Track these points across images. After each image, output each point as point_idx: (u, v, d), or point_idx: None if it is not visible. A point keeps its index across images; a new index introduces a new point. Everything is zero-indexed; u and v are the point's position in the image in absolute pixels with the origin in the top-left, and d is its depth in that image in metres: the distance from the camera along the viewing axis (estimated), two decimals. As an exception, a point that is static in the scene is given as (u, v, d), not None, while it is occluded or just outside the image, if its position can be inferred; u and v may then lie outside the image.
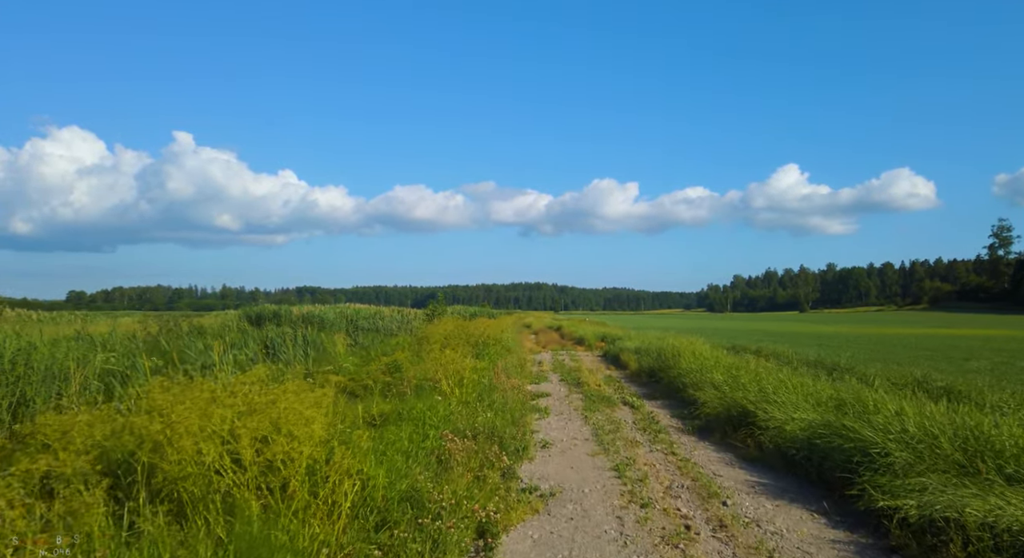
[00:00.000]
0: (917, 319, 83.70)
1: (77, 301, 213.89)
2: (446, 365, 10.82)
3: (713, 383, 10.75)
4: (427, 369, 11.03)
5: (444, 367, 10.77)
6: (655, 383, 14.25)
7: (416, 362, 12.64)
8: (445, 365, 10.82)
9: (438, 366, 10.78)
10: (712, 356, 13.61)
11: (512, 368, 14.95)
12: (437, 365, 10.82)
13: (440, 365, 10.78)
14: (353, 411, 7.39)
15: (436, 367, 10.79)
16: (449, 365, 10.85)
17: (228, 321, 32.23)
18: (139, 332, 24.74)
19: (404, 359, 13.00)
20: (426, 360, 11.66)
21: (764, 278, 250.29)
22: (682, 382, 12.11)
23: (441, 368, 10.72)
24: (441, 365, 10.78)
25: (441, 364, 10.82)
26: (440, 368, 10.71)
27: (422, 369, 11.27)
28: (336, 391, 7.50)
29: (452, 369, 10.83)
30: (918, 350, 24.84)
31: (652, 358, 15.82)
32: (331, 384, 7.42)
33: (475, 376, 12.07)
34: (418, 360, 12.81)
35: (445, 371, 10.66)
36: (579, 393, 13.07)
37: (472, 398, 10.39)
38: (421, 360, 12.48)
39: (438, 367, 10.76)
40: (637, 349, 19.00)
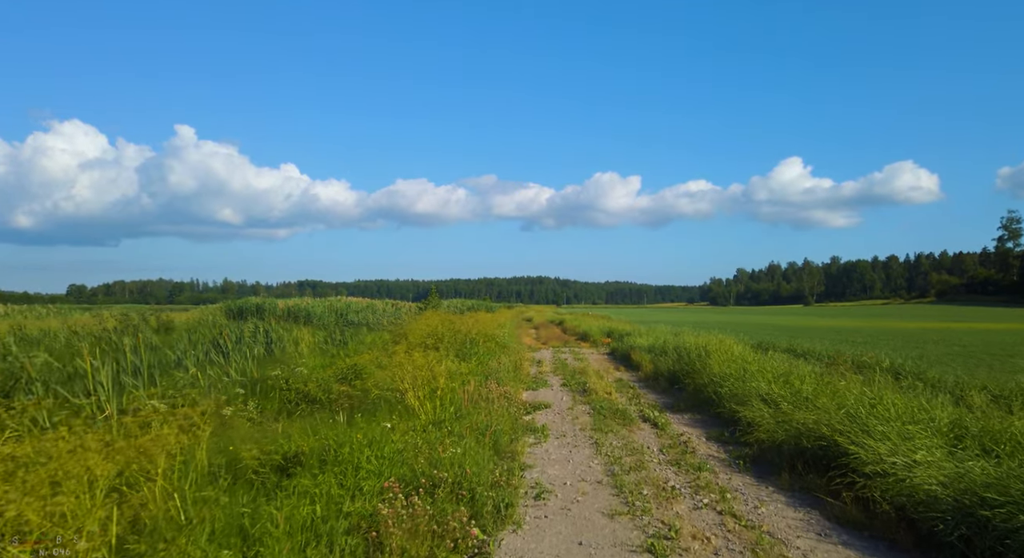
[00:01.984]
0: (929, 313, 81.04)
1: (78, 295, 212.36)
2: (415, 371, 8.36)
3: (762, 395, 8.26)
4: (392, 376, 8.57)
5: (412, 374, 8.31)
6: (677, 390, 11.76)
7: (383, 366, 10.19)
8: (413, 371, 8.35)
9: (403, 373, 8.31)
10: (751, 358, 11.07)
11: (505, 371, 12.48)
12: (402, 371, 8.34)
13: (406, 371, 8.31)
14: (247, 450, 4.93)
15: (401, 374, 8.32)
16: (419, 372, 8.38)
17: (206, 316, 29.90)
18: (94, 328, 22.41)
19: (369, 362, 10.51)
20: (391, 364, 9.17)
21: (768, 271, 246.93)
22: (715, 392, 9.62)
23: (408, 375, 8.25)
24: (408, 372, 8.31)
25: (408, 370, 8.34)
26: (407, 375, 8.25)
27: (387, 376, 8.81)
28: (211, 422, 5.05)
29: (422, 377, 8.37)
30: (950, 346, 22.45)
31: (671, 360, 13.32)
32: (199, 417, 4.92)
33: (454, 384, 9.61)
34: (388, 363, 10.36)
35: (413, 379, 8.20)
36: (586, 403, 10.61)
37: (448, 415, 7.96)
38: (387, 364, 10.02)
39: (404, 374, 8.29)
40: (651, 348, 16.52)
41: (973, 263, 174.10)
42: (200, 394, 8.21)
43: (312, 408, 8.79)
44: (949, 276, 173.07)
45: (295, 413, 8.60)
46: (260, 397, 9.25)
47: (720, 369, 10.27)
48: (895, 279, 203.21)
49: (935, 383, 9.74)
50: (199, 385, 9.07)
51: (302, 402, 8.84)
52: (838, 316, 74.02)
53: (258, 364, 11.90)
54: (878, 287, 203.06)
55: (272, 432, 6.43)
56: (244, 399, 8.93)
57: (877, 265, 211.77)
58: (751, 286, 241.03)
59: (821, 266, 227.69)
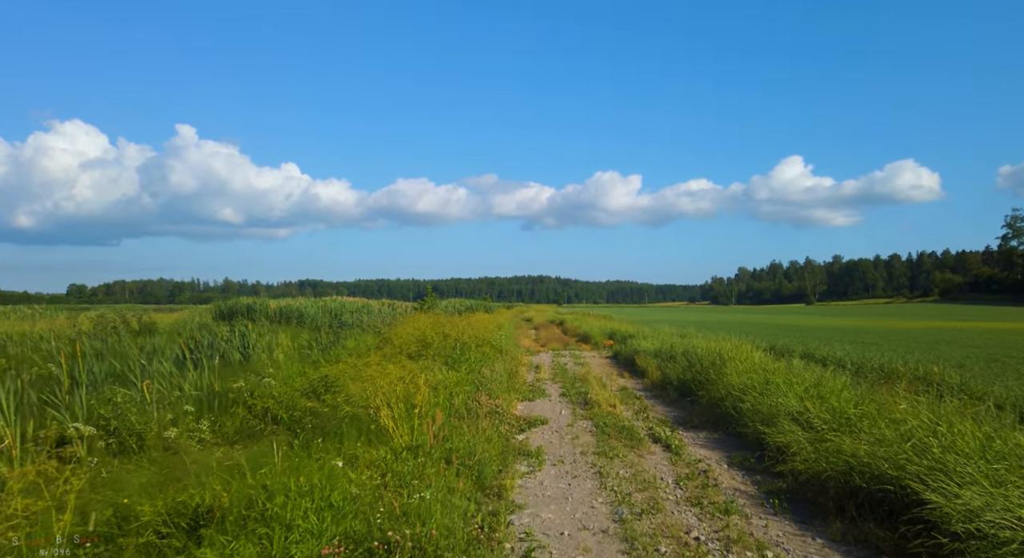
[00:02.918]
0: (934, 312, 79.78)
1: (78, 295, 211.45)
2: (389, 386, 7.20)
3: (792, 414, 7.10)
4: (364, 390, 7.41)
5: (386, 388, 7.15)
6: (689, 403, 10.58)
7: (360, 377, 9.03)
8: (388, 386, 7.19)
9: (375, 388, 7.15)
10: (773, 367, 9.86)
11: (498, 380, 11.33)
12: (374, 386, 7.18)
13: (379, 386, 7.15)
14: (148, 503, 3.78)
15: (373, 389, 7.16)
16: (394, 386, 7.22)
17: (193, 317, 28.80)
18: (68, 331, 21.31)
19: (344, 372, 9.34)
20: (362, 376, 7.98)
21: (769, 270, 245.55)
22: (734, 407, 8.45)
23: (381, 390, 7.10)
24: (381, 386, 7.15)
25: (381, 385, 7.18)
26: (379, 390, 7.09)
27: (361, 389, 7.65)
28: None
29: (400, 391, 7.21)
30: (966, 348, 21.25)
31: (680, 367, 12.15)
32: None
33: (438, 398, 8.45)
34: (363, 374, 9.20)
35: (387, 395, 7.04)
36: (587, 419, 9.45)
37: (427, 438, 6.82)
38: (364, 375, 8.84)
39: (376, 389, 7.13)
40: (657, 352, 15.35)
41: (976, 262, 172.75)
42: (139, 413, 7.08)
43: (276, 428, 7.65)
44: (952, 275, 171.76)
45: (257, 433, 7.48)
46: (219, 413, 8.12)
47: (739, 380, 9.09)
48: (897, 278, 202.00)
49: (981, 397, 8.59)
50: (145, 401, 7.92)
51: (263, 421, 7.71)
52: (842, 315, 72.78)
53: (223, 373, 10.73)
54: (880, 286, 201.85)
55: (205, 465, 5.27)
56: (197, 417, 7.80)
57: (879, 264, 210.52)
58: (753, 285, 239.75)
59: (823, 265, 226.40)
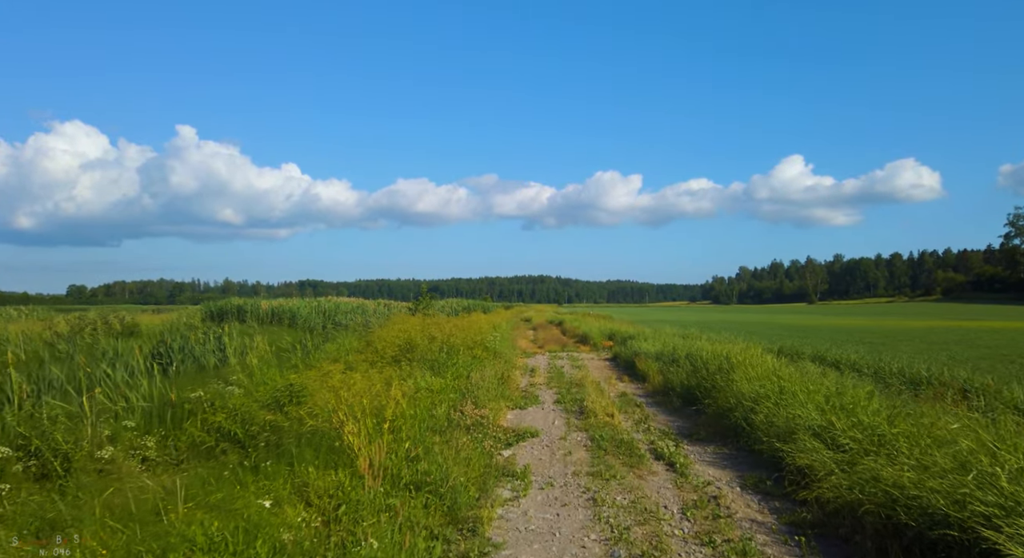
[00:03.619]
0: (937, 311, 78.85)
1: (78, 295, 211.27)
2: (353, 398, 6.33)
3: (813, 429, 6.23)
4: (329, 401, 6.54)
5: (350, 400, 6.29)
6: (695, 412, 9.70)
7: (333, 386, 8.16)
8: (353, 398, 6.32)
9: (339, 401, 6.27)
10: (786, 373, 8.93)
11: (487, 386, 10.45)
12: (337, 398, 6.31)
13: (342, 398, 6.27)
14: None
15: (335, 402, 6.29)
16: (359, 398, 6.35)
17: (181, 318, 28.01)
18: (45, 334, 20.51)
19: (314, 380, 8.45)
20: (323, 387, 7.07)
21: (770, 270, 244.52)
22: (746, 419, 7.58)
23: (345, 403, 6.23)
24: (345, 398, 6.27)
25: (345, 397, 6.31)
26: (343, 403, 6.22)
27: (326, 400, 6.77)
28: None
29: (365, 404, 6.35)
30: (976, 348, 20.46)
31: (684, 371, 11.27)
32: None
33: (415, 410, 7.57)
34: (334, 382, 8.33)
35: (351, 407, 6.18)
36: (582, 430, 8.58)
37: (399, 458, 5.98)
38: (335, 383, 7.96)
39: (339, 402, 6.26)
40: (658, 355, 14.48)
41: (979, 260, 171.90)
42: (70, 430, 6.24)
43: (227, 447, 6.79)
44: (955, 274, 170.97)
45: (208, 452, 6.63)
46: (171, 428, 7.26)
47: (750, 388, 8.20)
48: (899, 277, 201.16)
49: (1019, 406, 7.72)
50: (84, 415, 7.05)
51: (216, 438, 6.84)
52: (845, 315, 71.88)
53: (185, 380, 9.85)
54: (882, 285, 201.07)
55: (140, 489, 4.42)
56: (145, 432, 6.95)
57: (880, 263, 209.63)
58: (754, 284, 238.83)
59: (824, 264, 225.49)
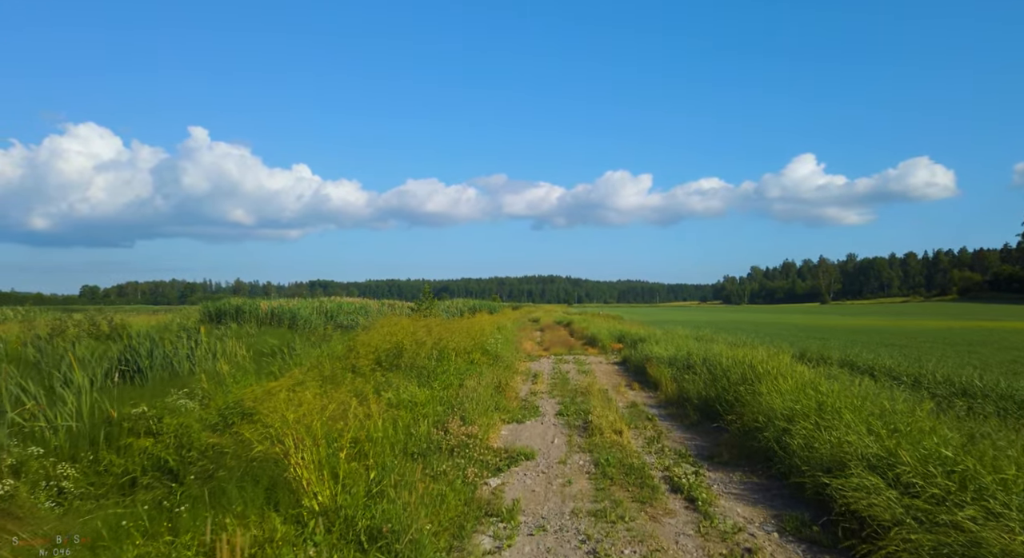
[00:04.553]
0: (955, 311, 76.82)
1: (91, 296, 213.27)
2: (307, 419, 5.20)
3: (869, 459, 5.04)
4: (273, 422, 5.40)
5: (304, 421, 5.16)
6: (716, 427, 8.46)
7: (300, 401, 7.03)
8: (306, 418, 5.19)
9: (286, 425, 5.13)
10: (826, 387, 7.62)
11: (480, 397, 9.29)
12: (284, 422, 5.16)
13: (289, 421, 5.13)
14: None
15: (282, 426, 5.15)
16: (310, 420, 5.21)
17: (175, 320, 27.08)
18: (24, 336, 19.54)
19: (274, 393, 7.32)
20: (266, 409, 5.92)
21: (782, 269, 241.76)
22: (779, 441, 6.36)
23: (292, 425, 5.09)
24: (293, 422, 5.13)
25: (291, 418, 5.16)
26: (289, 427, 5.09)
27: (275, 420, 5.62)
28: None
29: (320, 428, 5.21)
30: (1007, 350, 19.06)
31: (702, 380, 10.06)
32: None
33: (388, 430, 6.43)
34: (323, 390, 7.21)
35: (297, 431, 5.05)
36: (586, 451, 7.41)
37: (357, 496, 4.85)
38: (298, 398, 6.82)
39: (286, 427, 5.12)
40: (672, 359, 13.27)
41: (995, 259, 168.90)
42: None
43: (157, 477, 5.68)
44: (971, 273, 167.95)
45: (139, 485, 5.54)
46: (107, 451, 6.16)
47: (782, 403, 6.99)
48: (913, 276, 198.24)
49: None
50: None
51: (145, 467, 5.73)
52: (860, 315, 70.04)
53: (133, 392, 8.75)
54: (896, 284, 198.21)
55: None
56: (69, 457, 5.85)
57: (894, 262, 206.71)
58: (765, 284, 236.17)
59: (837, 263, 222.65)
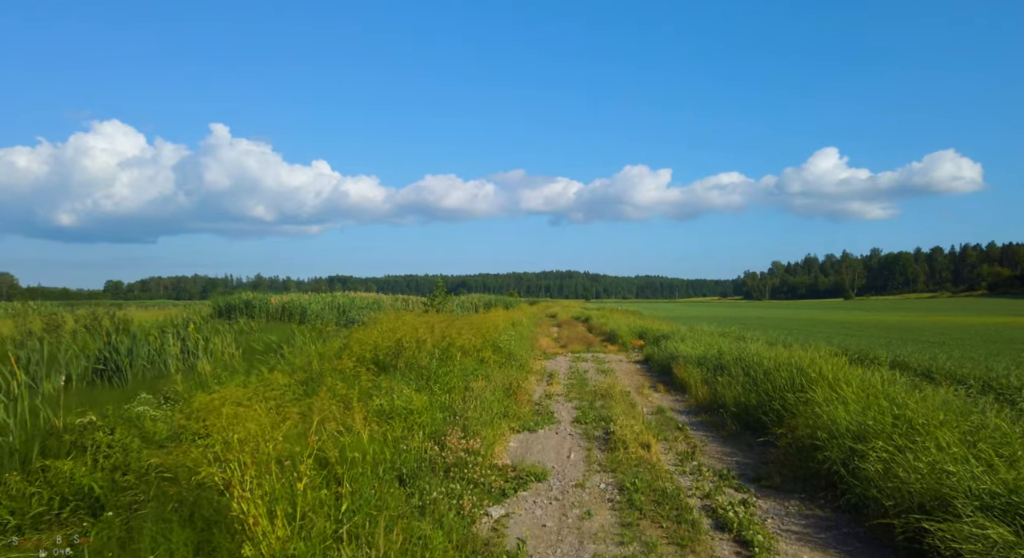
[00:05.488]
0: (988, 307, 74.37)
1: (115, 291, 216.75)
2: (251, 437, 4.11)
3: (984, 499, 3.84)
4: (216, 441, 4.30)
5: (245, 441, 4.07)
6: (761, 444, 7.24)
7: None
8: (247, 438, 4.10)
9: (227, 447, 4.05)
10: (903, 398, 6.30)
11: (487, 402, 8.17)
12: (225, 443, 4.08)
13: (233, 444, 4.05)
14: None
15: (225, 447, 4.06)
16: (261, 441, 4.12)
17: (183, 316, 26.35)
18: (16, 333, 18.85)
19: (245, 399, 6.25)
20: (215, 417, 4.81)
21: (804, 264, 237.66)
22: (847, 464, 5.15)
23: (234, 448, 4.01)
24: (235, 443, 4.04)
25: (239, 438, 4.08)
26: (232, 447, 4.01)
27: (245, 431, 4.53)
28: None
29: (274, 450, 4.12)
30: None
31: (739, 384, 8.82)
32: None
33: (375, 447, 5.31)
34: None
35: (240, 458, 3.96)
36: (608, 470, 6.25)
37: (318, 539, 3.77)
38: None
39: (229, 448, 4.04)
40: (700, 359, 12.04)
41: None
42: None
43: (83, 508, 4.63)
44: (1000, 268, 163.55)
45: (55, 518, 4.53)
46: (38, 471, 5.14)
47: (847, 417, 5.75)
48: (940, 271, 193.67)
49: None
50: None
51: (65, 496, 4.68)
52: (888, 310, 67.87)
53: (98, 395, 7.74)
54: (922, 280, 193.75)
55: None
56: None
57: (920, 257, 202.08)
58: (787, 279, 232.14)
59: (861, 258, 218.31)
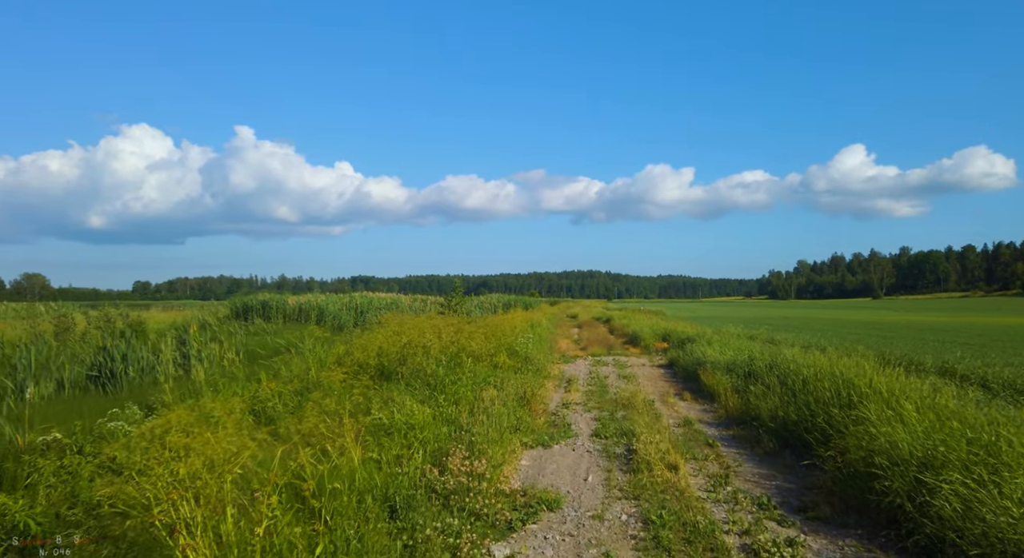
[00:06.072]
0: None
1: (143, 291, 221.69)
2: (199, 472, 3.43)
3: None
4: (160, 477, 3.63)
5: (195, 476, 3.40)
6: (803, 467, 6.45)
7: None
8: (195, 473, 3.43)
9: (175, 482, 3.38)
10: (972, 418, 5.46)
11: (497, 415, 7.47)
12: (173, 477, 3.41)
13: (181, 475, 3.38)
14: None
15: (170, 483, 3.40)
16: (216, 476, 3.45)
17: (195, 317, 26.03)
18: (23, 335, 18.56)
19: (198, 420, 5.61)
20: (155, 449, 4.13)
21: (831, 263, 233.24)
22: (913, 497, 4.35)
23: (185, 484, 3.34)
24: (185, 481, 3.37)
25: (190, 472, 3.41)
26: (166, 485, 3.33)
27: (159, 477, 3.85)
28: None
29: (212, 489, 3.45)
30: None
31: (776, 395, 8.00)
32: None
33: (353, 476, 4.64)
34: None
35: (187, 497, 3.28)
36: (630, 497, 5.50)
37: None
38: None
39: (177, 483, 3.37)
40: (730, 365, 11.22)
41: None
42: None
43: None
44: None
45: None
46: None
47: (910, 440, 4.93)
48: (972, 270, 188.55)
49: None
50: None
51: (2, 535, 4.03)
52: (920, 311, 65.67)
53: (79, 405, 7.17)
54: (953, 279, 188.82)
55: None
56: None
57: (952, 256, 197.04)
58: (813, 279, 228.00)
59: (890, 257, 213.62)
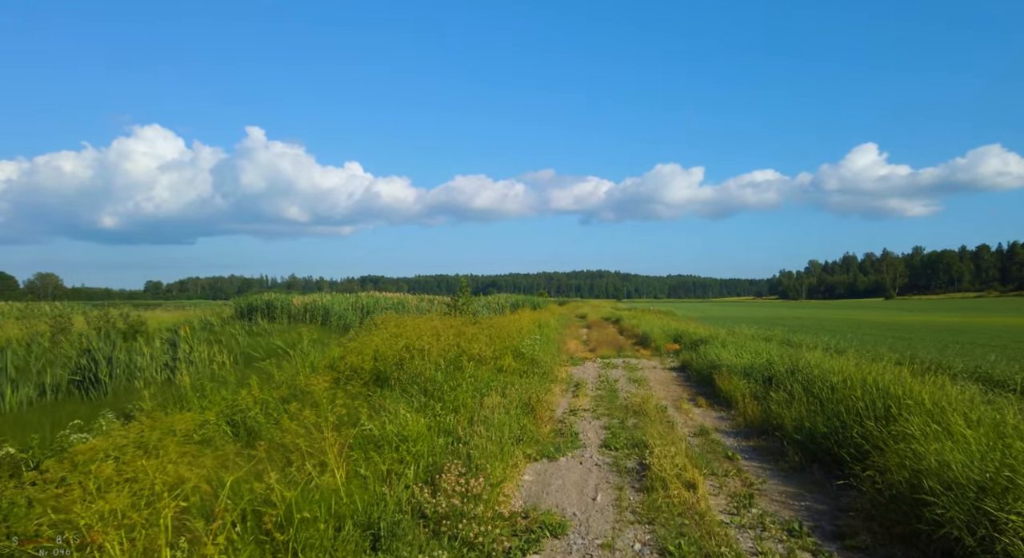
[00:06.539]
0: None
1: (154, 291, 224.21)
2: (125, 516, 2.89)
3: None
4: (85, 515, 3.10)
5: (118, 521, 2.85)
6: (839, 488, 5.84)
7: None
8: (121, 516, 2.88)
9: (103, 520, 2.85)
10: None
11: (498, 427, 6.91)
12: (101, 517, 2.88)
13: (104, 512, 2.84)
14: None
15: (97, 523, 2.86)
16: (134, 518, 2.91)
17: (198, 317, 25.66)
18: (22, 335, 18.30)
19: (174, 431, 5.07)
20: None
21: (842, 263, 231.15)
22: (973, 529, 3.76)
23: (110, 524, 2.80)
24: (109, 520, 2.84)
25: (107, 509, 2.87)
26: (111, 522, 2.80)
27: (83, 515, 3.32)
28: None
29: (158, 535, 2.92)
30: None
31: (801, 405, 7.38)
32: None
33: (315, 510, 4.10)
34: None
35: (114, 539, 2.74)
36: (643, 521, 4.92)
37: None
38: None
39: (105, 522, 2.83)
40: (747, 369, 10.60)
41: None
42: None
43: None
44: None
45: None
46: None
47: (965, 461, 4.32)
48: (987, 270, 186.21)
49: None
50: None
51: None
52: (935, 311, 64.42)
53: (57, 412, 6.67)
54: (967, 279, 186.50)
55: None
56: None
57: (965, 255, 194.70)
58: (825, 279, 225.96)
59: (902, 257, 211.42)
